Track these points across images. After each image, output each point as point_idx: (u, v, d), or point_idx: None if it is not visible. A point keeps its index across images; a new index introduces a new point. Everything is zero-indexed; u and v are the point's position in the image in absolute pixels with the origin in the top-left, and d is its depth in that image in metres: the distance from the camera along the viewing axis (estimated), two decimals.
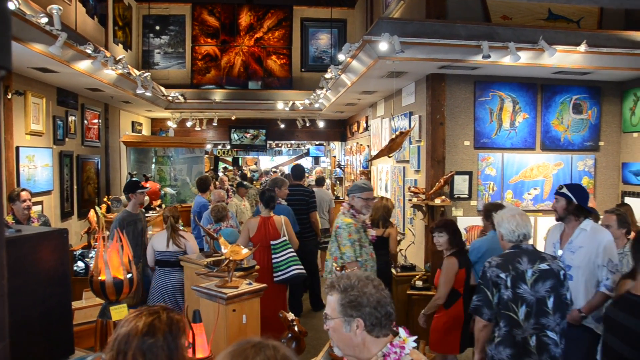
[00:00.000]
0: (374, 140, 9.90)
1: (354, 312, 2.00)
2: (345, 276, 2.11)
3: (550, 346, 3.39)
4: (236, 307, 4.46)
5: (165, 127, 13.45)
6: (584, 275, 4.02)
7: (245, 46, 12.84)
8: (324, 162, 20.19)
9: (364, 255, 4.89)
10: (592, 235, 4.04)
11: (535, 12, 6.92)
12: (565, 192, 4.10)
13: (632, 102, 7.06)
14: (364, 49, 5.95)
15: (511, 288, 3.37)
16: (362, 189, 5.01)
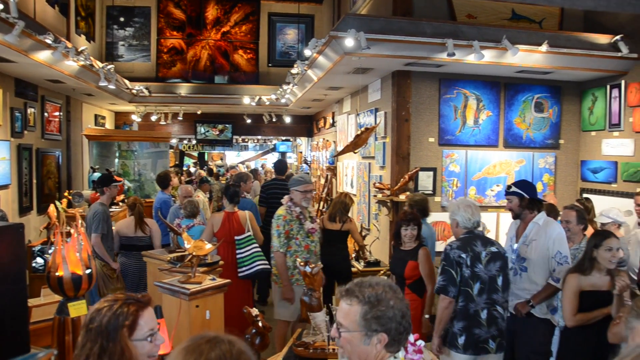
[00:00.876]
0: (340, 136, 9.92)
1: (379, 327, 1.84)
2: (368, 284, 1.91)
3: (499, 320, 3.80)
4: (199, 303, 4.42)
5: (130, 121, 13.22)
6: (538, 267, 4.16)
7: (211, 40, 12.72)
8: (291, 157, 20.16)
9: (293, 246, 5.01)
10: (544, 229, 4.17)
11: (499, 12, 7.03)
12: (516, 190, 4.24)
13: (591, 102, 7.24)
14: (330, 45, 5.95)
15: (470, 267, 3.76)
16: (300, 182, 5.12)
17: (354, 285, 1.93)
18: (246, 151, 22.68)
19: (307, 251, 5.14)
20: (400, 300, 1.89)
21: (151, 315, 2.02)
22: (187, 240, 4.74)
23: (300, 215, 5.15)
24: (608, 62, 6.50)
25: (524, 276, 4.19)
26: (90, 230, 5.89)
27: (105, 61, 10.44)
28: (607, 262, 3.68)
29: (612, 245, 3.67)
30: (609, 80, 6.88)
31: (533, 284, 4.17)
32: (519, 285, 4.23)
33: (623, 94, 6.68)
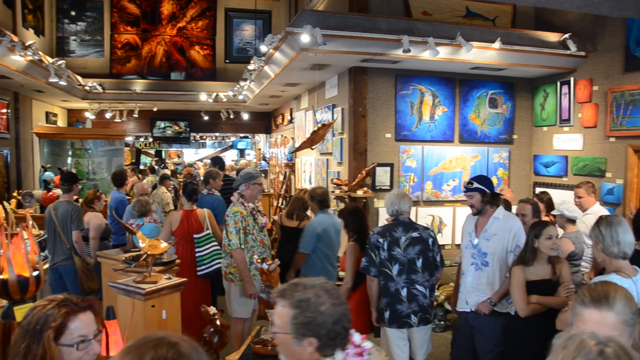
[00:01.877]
0: (298, 133, 9.90)
1: (307, 332, 1.81)
2: (301, 286, 1.88)
3: (419, 297, 4.27)
4: (155, 303, 4.35)
5: (83, 119, 12.88)
6: (498, 261, 4.21)
7: (167, 36, 12.51)
8: (249, 154, 20.01)
9: (250, 242, 4.98)
10: (504, 223, 4.23)
11: (454, 9, 7.13)
12: (478, 186, 4.26)
13: (542, 98, 7.42)
14: (286, 41, 5.92)
15: (387, 250, 4.26)
16: (255, 176, 5.14)
17: (289, 286, 1.89)
18: (204, 148, 22.40)
19: (263, 245, 5.12)
20: (334, 304, 1.84)
21: (87, 322, 1.92)
22: (141, 239, 4.65)
23: (254, 211, 5.14)
24: (558, 60, 6.68)
25: (485, 271, 4.24)
26: (66, 228, 5.95)
27: (56, 56, 10.14)
28: (549, 250, 3.78)
29: (551, 233, 3.77)
30: (559, 77, 7.07)
31: (495, 278, 4.23)
32: (481, 280, 4.27)
33: (572, 90, 6.87)
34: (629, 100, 5.99)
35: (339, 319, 1.83)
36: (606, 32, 6.39)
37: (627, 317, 1.88)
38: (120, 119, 12.82)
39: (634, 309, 1.91)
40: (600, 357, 1.31)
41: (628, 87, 6.01)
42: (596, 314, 1.89)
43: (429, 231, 4.44)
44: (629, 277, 3.14)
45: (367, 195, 6.58)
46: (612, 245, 3.18)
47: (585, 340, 1.37)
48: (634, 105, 5.92)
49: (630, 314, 1.89)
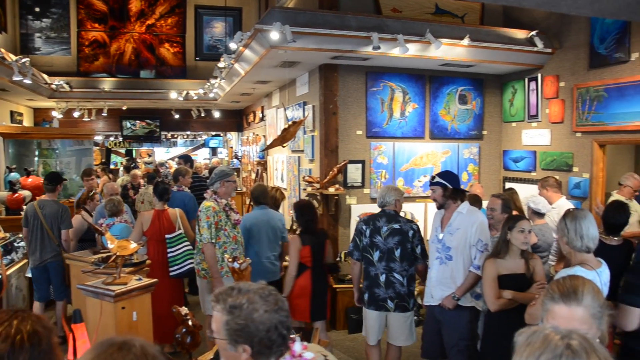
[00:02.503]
0: (269, 130, 9.87)
1: (239, 339, 1.75)
2: (236, 290, 1.82)
3: (396, 284, 4.53)
4: (125, 305, 4.30)
5: (50, 118, 12.60)
6: (462, 255, 4.27)
7: (136, 33, 12.32)
8: (221, 153, 19.88)
9: (222, 237, 4.99)
10: (467, 217, 4.28)
11: (423, 7, 7.16)
12: (439, 180, 4.32)
13: (511, 94, 7.52)
14: (256, 38, 5.88)
15: (369, 237, 4.59)
16: (228, 174, 5.16)
17: (225, 290, 1.84)
18: (175, 147, 22.17)
19: (235, 242, 5.11)
20: (269, 311, 1.77)
21: None
22: (110, 240, 4.58)
23: (226, 207, 5.12)
24: (525, 56, 6.77)
25: (450, 265, 4.29)
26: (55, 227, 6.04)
27: (20, 54, 9.87)
28: (521, 244, 3.83)
29: (524, 227, 3.83)
30: (527, 73, 7.17)
31: (459, 272, 4.28)
32: (445, 274, 4.33)
33: (540, 86, 6.98)
34: (593, 96, 6.10)
35: (274, 326, 1.77)
36: (572, 29, 6.50)
37: (595, 310, 1.91)
38: (88, 118, 12.60)
39: (601, 301, 1.95)
40: (568, 350, 1.32)
41: (593, 84, 6.13)
42: (565, 309, 1.92)
43: (411, 224, 4.61)
44: (593, 269, 3.20)
45: (339, 192, 6.59)
46: (576, 239, 3.24)
47: (550, 335, 1.37)
48: (599, 101, 6.03)
49: (597, 307, 1.92)
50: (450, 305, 4.27)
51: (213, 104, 12.16)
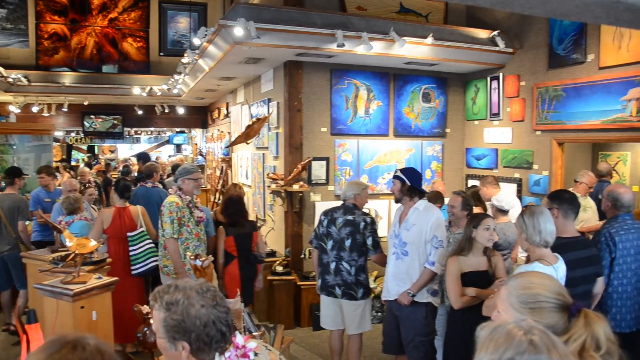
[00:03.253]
0: (234, 127, 9.80)
1: (177, 336, 1.75)
2: (173, 287, 1.82)
3: (344, 272, 4.71)
4: (84, 304, 4.22)
5: (6, 112, 12.22)
6: (417, 251, 4.32)
7: (98, 27, 12.06)
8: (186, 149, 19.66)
9: (184, 233, 4.94)
10: (424, 214, 4.33)
11: (388, 5, 7.21)
12: (400, 175, 4.37)
13: (473, 93, 7.64)
14: (219, 34, 5.83)
15: (325, 227, 4.81)
16: (191, 171, 5.11)
17: (162, 288, 1.84)
18: (139, 143, 21.84)
19: (198, 239, 5.07)
20: (206, 306, 1.77)
21: None
22: (68, 238, 4.48)
23: (190, 204, 5.07)
24: (487, 56, 6.88)
25: (406, 260, 4.34)
26: (13, 219, 6.16)
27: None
28: (486, 241, 3.89)
29: (489, 224, 3.88)
30: (489, 72, 7.29)
31: (414, 268, 4.33)
32: (401, 269, 4.37)
33: (501, 85, 7.10)
34: (552, 96, 6.24)
35: (212, 322, 1.77)
36: (532, 30, 6.63)
37: (513, 300, 1.94)
38: (48, 113, 12.29)
39: (523, 299, 1.94)
40: (530, 346, 1.34)
41: (552, 83, 6.27)
42: (502, 287, 1.97)
43: (365, 216, 4.73)
44: (550, 264, 3.28)
45: (303, 189, 6.58)
46: (534, 234, 3.32)
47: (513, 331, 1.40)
48: (557, 101, 6.18)
49: (514, 299, 1.95)
50: (405, 302, 4.32)
51: (177, 100, 12.01)
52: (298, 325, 6.56)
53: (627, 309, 4.04)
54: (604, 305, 4.07)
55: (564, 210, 3.75)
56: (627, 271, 4.02)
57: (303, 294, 6.51)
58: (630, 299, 4.04)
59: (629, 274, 4.02)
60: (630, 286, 4.04)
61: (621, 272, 4.01)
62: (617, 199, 4.18)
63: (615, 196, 4.20)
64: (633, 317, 4.07)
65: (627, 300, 4.04)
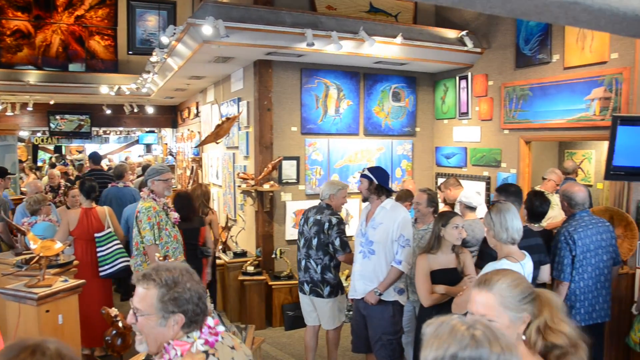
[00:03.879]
0: (204, 127, 9.72)
1: (176, 309, 1.86)
2: (164, 267, 1.94)
3: (311, 270, 4.87)
4: (50, 308, 4.14)
5: None
6: (384, 249, 4.34)
7: (64, 24, 11.81)
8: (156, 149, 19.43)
9: (164, 237, 4.82)
10: (390, 213, 4.35)
11: (358, 4, 7.23)
12: (367, 173, 4.40)
13: (443, 92, 7.71)
14: (188, 32, 5.77)
15: (301, 226, 5.01)
16: (161, 172, 4.95)
17: (151, 269, 1.94)
18: (107, 144, 21.50)
19: (176, 241, 4.95)
20: (196, 283, 1.94)
21: None
22: (32, 240, 4.39)
23: (165, 206, 4.97)
24: (456, 55, 6.96)
25: (372, 259, 4.35)
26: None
27: None
28: (454, 239, 3.93)
29: (457, 223, 3.92)
30: (458, 72, 7.37)
31: (381, 267, 4.35)
32: (368, 268, 4.38)
33: (470, 85, 7.18)
34: (520, 95, 6.34)
35: (202, 296, 1.94)
36: (499, 30, 6.72)
37: (507, 300, 1.95)
38: (12, 112, 12.01)
39: (519, 296, 1.98)
40: (472, 340, 1.36)
41: (519, 83, 6.37)
42: (477, 294, 2.00)
43: (330, 217, 4.80)
44: (517, 261, 3.34)
45: (274, 188, 6.56)
46: (502, 231, 3.37)
47: (456, 326, 1.42)
48: (524, 100, 6.28)
49: (510, 298, 1.96)
50: (372, 300, 4.33)
51: (146, 99, 11.86)
52: (270, 325, 6.54)
53: (590, 302, 4.17)
54: (568, 301, 4.18)
55: (510, 202, 3.93)
56: (587, 266, 4.15)
57: (274, 294, 6.49)
58: (591, 292, 4.17)
59: (589, 268, 4.15)
60: (592, 280, 4.16)
61: (582, 267, 4.14)
62: (571, 198, 4.33)
63: (569, 195, 4.34)
64: (597, 309, 4.20)
65: (589, 294, 4.17)
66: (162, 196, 4.95)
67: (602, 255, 4.20)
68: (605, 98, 5.33)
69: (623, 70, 5.14)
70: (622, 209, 5.16)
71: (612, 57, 5.28)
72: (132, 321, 1.92)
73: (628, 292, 4.84)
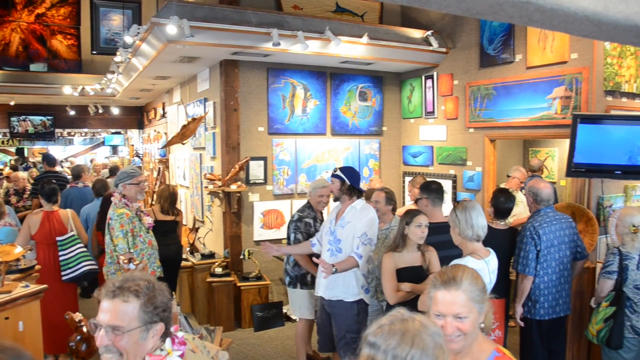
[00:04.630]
0: (171, 128, 9.61)
1: (156, 318, 1.82)
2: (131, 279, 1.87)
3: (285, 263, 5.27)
4: (9, 314, 4.05)
5: None
6: (350, 247, 4.33)
7: (24, 22, 11.53)
8: (122, 151, 19.13)
9: (139, 244, 4.76)
10: (359, 213, 4.36)
11: (324, 4, 7.24)
12: (339, 174, 4.39)
13: (409, 92, 7.78)
14: (152, 32, 5.69)
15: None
16: (133, 175, 4.85)
17: (122, 282, 1.84)
18: (72, 145, 21.08)
19: (151, 247, 4.89)
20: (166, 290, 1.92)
21: None
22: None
23: (139, 211, 4.88)
24: (422, 55, 7.01)
25: (339, 257, 4.35)
26: None
27: None
28: (418, 238, 3.96)
29: (421, 222, 3.95)
30: (424, 71, 7.44)
31: None
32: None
33: (436, 84, 7.26)
34: (484, 94, 6.43)
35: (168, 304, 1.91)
36: (464, 30, 6.81)
37: (474, 294, 2.02)
38: None
39: (480, 286, 2.06)
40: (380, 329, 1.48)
41: (483, 82, 6.46)
42: (446, 294, 2.02)
43: (296, 214, 5.21)
44: (482, 258, 3.39)
45: (241, 189, 6.52)
46: (467, 228, 3.42)
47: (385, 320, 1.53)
48: (489, 99, 6.37)
49: (477, 292, 2.03)
50: (326, 267, 4.10)
51: (111, 100, 11.66)
52: (239, 327, 6.50)
53: (553, 296, 4.28)
54: (532, 296, 4.28)
55: (432, 199, 4.41)
56: (551, 261, 4.26)
57: (243, 295, 6.45)
58: (555, 287, 4.29)
59: (553, 263, 4.27)
60: (555, 275, 4.27)
61: (546, 262, 4.25)
62: (537, 194, 4.45)
63: (535, 191, 4.46)
64: (560, 303, 4.32)
65: (552, 289, 4.28)
66: (134, 201, 4.86)
67: (565, 250, 4.32)
68: (566, 97, 5.44)
69: (582, 70, 5.26)
70: (584, 205, 5.29)
71: (572, 57, 5.40)
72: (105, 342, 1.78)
73: (589, 286, 4.96)
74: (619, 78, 5.36)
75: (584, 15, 1.38)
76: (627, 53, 5.39)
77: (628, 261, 4.07)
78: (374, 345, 1.46)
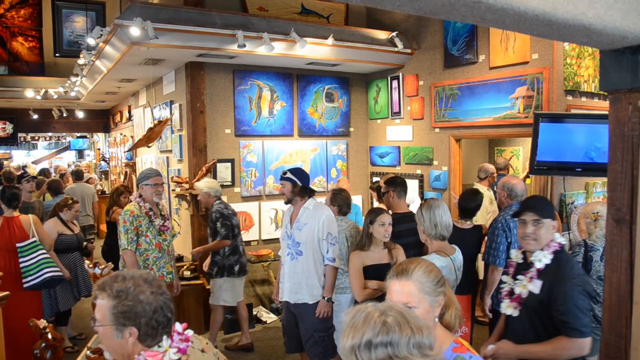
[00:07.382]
0: (137, 131, 9.49)
1: (127, 322, 1.82)
2: (120, 277, 1.89)
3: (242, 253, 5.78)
4: None
5: None
6: (311, 249, 4.34)
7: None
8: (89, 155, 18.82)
9: (142, 244, 4.74)
10: (314, 213, 4.36)
11: (289, 6, 7.25)
12: (290, 176, 4.38)
13: (375, 92, 7.84)
14: (116, 34, 5.62)
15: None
16: (149, 176, 4.86)
17: (109, 279, 1.90)
18: (36, 150, 20.63)
19: (159, 250, 4.83)
20: (154, 293, 1.87)
21: None
22: None
23: (150, 212, 4.82)
24: (387, 56, 7.08)
25: (300, 260, 4.34)
26: None
27: None
28: (382, 236, 4.00)
29: (384, 220, 4.00)
30: (390, 72, 7.51)
31: (310, 267, 4.34)
32: (297, 269, 4.36)
33: (401, 85, 7.33)
34: (449, 94, 6.53)
35: (160, 308, 1.87)
36: (428, 31, 6.89)
37: (425, 286, 2.06)
38: None
39: (433, 279, 2.09)
40: (384, 327, 1.43)
41: (448, 82, 6.55)
42: (397, 284, 2.07)
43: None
44: (448, 255, 3.45)
45: None
46: (431, 227, 3.48)
47: (370, 314, 1.49)
48: (453, 99, 6.46)
49: (428, 284, 2.07)
50: (327, 309, 4.30)
51: (76, 103, 11.47)
52: (208, 330, 6.45)
53: None
54: None
55: (397, 192, 4.74)
56: None
57: None
58: None
59: None
60: None
61: None
62: (511, 189, 4.59)
63: (510, 187, 4.59)
64: None
65: None
66: (150, 202, 4.84)
67: None
68: (528, 97, 5.56)
69: (543, 70, 5.38)
70: None
71: (533, 58, 5.52)
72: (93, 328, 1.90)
73: None
74: (578, 78, 5.50)
75: (534, 15, 1.43)
76: (586, 54, 5.54)
77: (592, 252, 4.17)
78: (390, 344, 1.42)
